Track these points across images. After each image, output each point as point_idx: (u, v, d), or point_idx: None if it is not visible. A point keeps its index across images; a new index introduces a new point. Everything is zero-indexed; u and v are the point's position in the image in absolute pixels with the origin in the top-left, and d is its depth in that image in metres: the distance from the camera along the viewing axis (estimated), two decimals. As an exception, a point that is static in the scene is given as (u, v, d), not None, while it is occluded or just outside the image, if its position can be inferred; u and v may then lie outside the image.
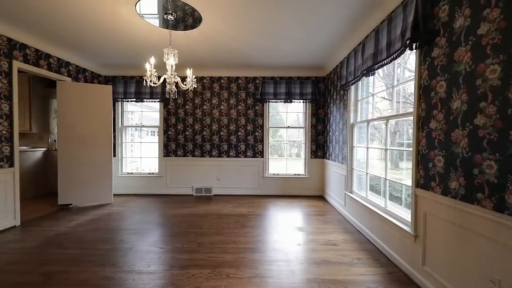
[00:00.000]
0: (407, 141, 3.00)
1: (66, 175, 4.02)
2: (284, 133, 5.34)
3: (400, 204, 2.63)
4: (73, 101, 4.03)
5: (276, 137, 5.75)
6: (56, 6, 2.60)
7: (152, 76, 2.60)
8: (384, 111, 3.26)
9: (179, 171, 4.98)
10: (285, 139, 5.21)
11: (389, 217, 2.42)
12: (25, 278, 2.00)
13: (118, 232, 2.97)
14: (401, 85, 2.50)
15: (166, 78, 2.73)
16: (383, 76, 3.21)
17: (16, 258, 2.34)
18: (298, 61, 4.32)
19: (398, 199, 2.82)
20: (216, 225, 3.24)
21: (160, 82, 2.73)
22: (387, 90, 2.91)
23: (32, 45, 3.42)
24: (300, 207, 4.11)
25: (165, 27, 3.03)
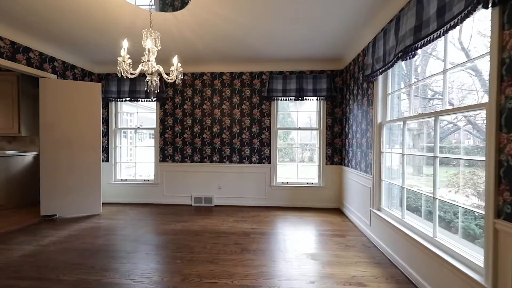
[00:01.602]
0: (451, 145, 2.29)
1: (50, 182, 3.59)
2: (294, 135, 4.70)
3: (451, 230, 1.93)
4: (58, 100, 3.61)
5: (287, 140, 5.11)
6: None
7: (124, 64, 2.06)
8: (426, 107, 2.56)
9: (176, 178, 4.45)
10: (296, 143, 4.56)
11: (441, 252, 1.73)
12: None
13: (93, 255, 2.45)
14: (458, 69, 1.81)
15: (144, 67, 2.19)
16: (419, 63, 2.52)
17: (-48, 293, 1.86)
18: (310, 51, 3.68)
19: (450, 224, 2.11)
20: (210, 247, 2.65)
21: (137, 72, 2.19)
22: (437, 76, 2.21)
23: (6, 36, 3.02)
24: (313, 224, 3.44)
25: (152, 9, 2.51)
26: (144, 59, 2.13)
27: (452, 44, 1.96)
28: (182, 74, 2.40)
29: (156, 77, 2.33)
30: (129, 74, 2.21)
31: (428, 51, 2.46)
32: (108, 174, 4.52)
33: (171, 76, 2.33)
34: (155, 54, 2.30)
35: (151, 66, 2.21)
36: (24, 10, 2.61)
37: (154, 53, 2.30)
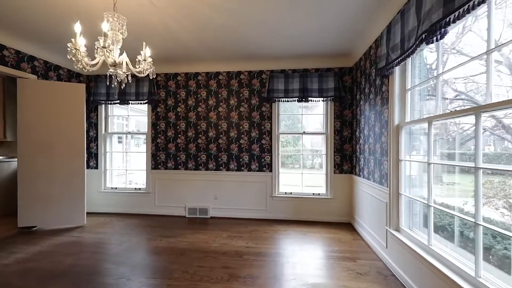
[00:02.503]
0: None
1: (28, 190, 3.30)
2: (298, 141, 4.26)
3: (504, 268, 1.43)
4: (38, 102, 3.34)
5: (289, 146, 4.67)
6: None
7: (78, 53, 1.72)
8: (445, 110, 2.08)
9: (169, 187, 4.09)
10: (300, 149, 4.11)
11: (491, 301, 1.24)
12: None
13: (54, 279, 2.09)
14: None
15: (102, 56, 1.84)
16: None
17: None
18: (315, 46, 3.27)
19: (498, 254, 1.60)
20: (193, 272, 2.23)
21: (96, 63, 1.85)
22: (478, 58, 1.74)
23: (-20, 32, 2.78)
24: (319, 242, 2.96)
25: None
26: (98, 45, 1.77)
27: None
28: (151, 66, 2.05)
29: (122, 70, 1.98)
30: (88, 67, 1.87)
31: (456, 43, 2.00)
32: (97, 181, 4.22)
33: (138, 68, 1.97)
34: (120, 42, 1.97)
35: (112, 56, 1.86)
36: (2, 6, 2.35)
37: (119, 41, 1.96)
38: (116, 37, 1.99)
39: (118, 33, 2.00)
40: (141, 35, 3.03)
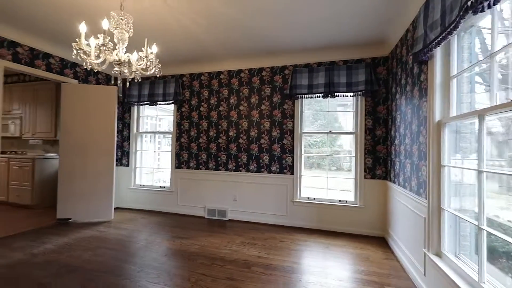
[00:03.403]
0: None
1: (66, 186, 3.61)
2: (324, 140, 3.86)
3: None
4: (76, 105, 3.64)
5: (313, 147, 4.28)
6: None
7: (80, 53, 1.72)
8: None
9: (191, 187, 4.10)
10: (326, 150, 3.72)
11: None
12: None
13: (66, 274, 2.17)
14: None
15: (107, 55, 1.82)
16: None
17: None
18: (342, 35, 2.89)
19: None
20: (194, 281, 2.11)
21: (101, 61, 1.84)
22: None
23: (26, 43, 3.12)
24: (342, 257, 2.58)
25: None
26: (98, 42, 1.75)
27: None
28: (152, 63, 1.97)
29: (127, 69, 1.95)
30: (95, 66, 1.88)
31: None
32: (128, 178, 4.46)
33: (138, 66, 1.91)
34: (126, 41, 1.93)
35: (116, 54, 1.83)
36: (44, 17, 2.59)
37: (125, 40, 1.93)
38: (122, 36, 1.98)
39: (124, 31, 1.99)
40: (161, 37, 3.07)
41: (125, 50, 1.97)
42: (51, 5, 2.41)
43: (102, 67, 1.98)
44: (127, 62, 1.97)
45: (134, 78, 2.13)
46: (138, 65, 1.95)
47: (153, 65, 2.00)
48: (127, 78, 2.01)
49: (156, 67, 2.04)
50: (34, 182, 4.30)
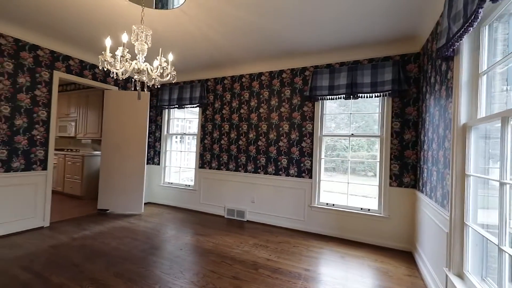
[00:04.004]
0: None
1: (105, 180, 4.08)
2: (345, 144, 3.66)
3: None
4: (115, 109, 4.10)
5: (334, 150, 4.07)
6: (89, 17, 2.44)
7: (105, 63, 1.94)
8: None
9: (212, 186, 4.26)
10: (347, 155, 3.52)
11: None
12: None
13: (95, 258, 2.46)
14: None
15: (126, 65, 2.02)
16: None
17: (-20, 271, 2.16)
18: (367, 32, 2.73)
19: None
20: (202, 276, 2.20)
21: (124, 70, 2.05)
22: None
23: (76, 56, 3.63)
24: (359, 270, 2.42)
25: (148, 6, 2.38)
26: (117, 54, 1.95)
27: None
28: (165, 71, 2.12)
29: (146, 76, 2.14)
30: (120, 75, 2.10)
31: None
32: (158, 176, 4.84)
33: (153, 74, 2.08)
34: (145, 51, 2.13)
35: (136, 63, 2.02)
36: (89, 33, 3.02)
37: (144, 51, 2.13)
38: (142, 47, 2.18)
39: (144, 43, 2.19)
40: (186, 46, 3.29)
41: (144, 60, 2.16)
42: (94, 23, 2.77)
43: (126, 75, 2.21)
44: (145, 70, 2.16)
45: (154, 84, 2.33)
46: (154, 72, 2.13)
47: (166, 72, 2.16)
48: (145, 83, 2.20)
49: (170, 75, 2.20)
50: (83, 176, 4.95)
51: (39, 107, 3.26)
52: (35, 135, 3.23)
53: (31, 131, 3.20)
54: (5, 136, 2.97)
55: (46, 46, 3.29)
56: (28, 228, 3.15)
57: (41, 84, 3.27)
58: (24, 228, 3.12)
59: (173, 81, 2.30)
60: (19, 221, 3.07)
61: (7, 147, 2.98)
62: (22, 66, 3.08)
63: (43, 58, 3.28)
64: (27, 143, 3.16)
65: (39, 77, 3.25)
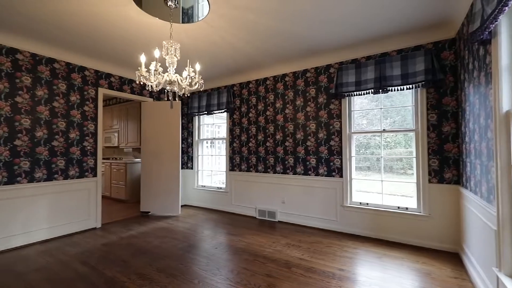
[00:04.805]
0: None
1: (146, 185, 4.44)
2: (379, 141, 3.50)
3: None
4: (151, 118, 4.45)
5: (368, 148, 3.91)
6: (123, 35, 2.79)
7: (141, 77, 2.16)
8: None
9: (243, 188, 4.38)
10: (380, 152, 3.37)
11: None
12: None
13: (140, 255, 2.70)
14: None
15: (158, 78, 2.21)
16: None
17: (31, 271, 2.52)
18: (393, 21, 2.63)
19: None
20: (237, 273, 2.29)
21: (157, 83, 2.25)
22: None
23: (116, 73, 4.04)
24: (399, 272, 2.31)
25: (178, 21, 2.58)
26: (151, 68, 2.15)
27: None
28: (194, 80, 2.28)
29: (177, 87, 2.32)
30: (154, 88, 2.31)
31: None
32: (192, 180, 5.11)
33: (183, 84, 2.24)
34: (175, 64, 2.31)
35: (167, 76, 2.21)
36: (122, 50, 3.37)
37: (174, 63, 2.31)
38: (172, 59, 2.38)
39: (173, 56, 2.38)
40: (212, 54, 3.48)
41: (174, 71, 2.35)
42: (130, 42, 3.08)
43: (159, 87, 2.42)
44: (176, 81, 2.35)
45: (184, 93, 2.51)
46: (183, 82, 2.30)
47: (194, 81, 2.31)
48: (176, 93, 2.39)
49: (198, 83, 2.35)
50: (126, 182, 5.43)
51: (88, 121, 3.69)
52: (86, 146, 3.66)
53: (83, 143, 3.63)
54: (63, 148, 3.41)
55: (91, 67, 3.72)
56: (84, 229, 3.57)
57: (88, 100, 3.70)
58: (81, 228, 3.53)
59: (201, 89, 2.45)
60: (76, 222, 3.49)
61: (64, 158, 3.42)
62: (73, 85, 3.53)
63: (89, 77, 3.71)
64: (80, 153, 3.59)
65: (87, 94, 3.68)
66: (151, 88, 2.34)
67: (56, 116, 3.34)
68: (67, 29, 2.77)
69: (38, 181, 3.15)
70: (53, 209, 3.28)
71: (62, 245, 2.98)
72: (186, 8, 2.43)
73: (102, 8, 2.39)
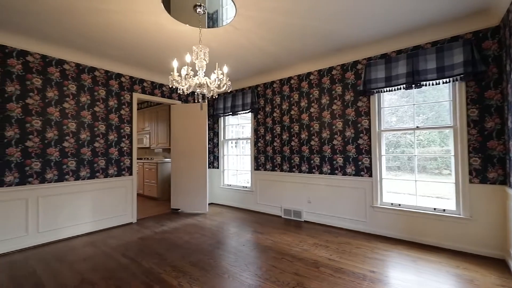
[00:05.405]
0: None
1: (176, 183, 4.67)
2: (410, 140, 3.32)
3: None
4: (180, 120, 4.67)
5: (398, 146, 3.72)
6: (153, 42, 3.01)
7: (173, 82, 2.28)
8: None
9: (268, 187, 4.42)
10: (414, 151, 3.19)
11: None
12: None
13: (173, 249, 2.85)
14: None
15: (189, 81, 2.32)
16: None
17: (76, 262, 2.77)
18: (426, 9, 2.49)
19: None
20: (265, 270, 2.33)
21: (188, 86, 2.37)
22: None
23: (148, 78, 4.30)
24: (436, 277, 2.19)
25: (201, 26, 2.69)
26: (183, 73, 2.26)
27: None
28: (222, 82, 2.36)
29: (206, 89, 2.42)
30: (185, 91, 2.43)
31: None
32: (218, 179, 5.26)
33: (212, 86, 2.33)
34: (204, 67, 2.41)
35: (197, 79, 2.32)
36: (155, 56, 3.60)
37: (203, 67, 2.41)
38: (201, 63, 2.49)
39: (202, 60, 2.49)
40: (237, 56, 3.56)
41: (203, 74, 2.45)
42: (161, 49, 3.27)
43: (190, 90, 2.54)
44: (205, 83, 2.45)
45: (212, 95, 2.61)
46: (212, 85, 2.40)
47: (222, 83, 2.39)
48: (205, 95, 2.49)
49: (226, 85, 2.43)
50: (158, 180, 5.74)
51: (124, 123, 3.98)
52: (122, 147, 3.95)
53: (120, 144, 3.92)
54: (103, 149, 3.72)
55: (127, 73, 4.00)
56: (121, 223, 3.85)
57: (124, 104, 3.99)
58: (119, 223, 3.82)
59: (228, 90, 2.53)
60: (115, 217, 3.79)
61: (105, 158, 3.72)
62: (111, 91, 3.82)
63: (125, 83, 4.00)
64: (117, 154, 3.88)
65: (123, 99, 3.97)
66: (182, 91, 2.47)
67: (97, 120, 3.65)
68: (107, 41, 3.03)
69: (83, 179, 3.47)
70: (95, 204, 3.59)
71: (104, 238, 3.25)
72: (211, 13, 2.53)
73: (137, 18, 2.57)
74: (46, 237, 3.11)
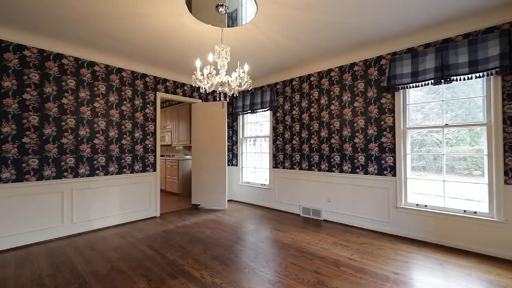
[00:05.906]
0: None
1: (196, 180, 4.81)
2: (437, 138, 3.16)
3: None
4: (200, 118, 4.79)
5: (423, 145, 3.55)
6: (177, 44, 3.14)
7: (198, 81, 2.35)
8: None
9: (286, 185, 4.42)
10: (440, 150, 3.03)
11: None
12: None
13: (196, 243, 2.96)
14: None
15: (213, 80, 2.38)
16: None
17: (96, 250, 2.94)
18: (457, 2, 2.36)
19: None
20: (285, 267, 2.35)
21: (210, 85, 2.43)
22: None
23: (171, 78, 4.46)
24: (466, 282, 2.08)
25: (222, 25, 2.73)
26: (205, 72, 2.32)
27: None
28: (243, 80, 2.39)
29: (228, 87, 2.47)
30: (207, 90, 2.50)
31: None
32: (237, 176, 5.34)
33: (233, 84, 2.37)
34: (225, 66, 2.46)
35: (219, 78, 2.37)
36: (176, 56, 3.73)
37: (224, 66, 2.46)
38: (223, 62, 2.54)
39: (224, 59, 2.54)
40: (257, 54, 3.58)
41: (225, 73, 2.50)
42: (184, 49, 3.37)
43: (212, 89, 2.61)
44: (227, 82, 2.50)
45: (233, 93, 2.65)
46: (234, 83, 2.44)
47: (244, 81, 2.43)
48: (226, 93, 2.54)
49: (247, 83, 2.46)
50: (179, 177, 5.94)
51: (148, 122, 4.16)
52: (147, 144, 4.13)
53: (145, 141, 4.10)
54: (129, 146, 3.91)
55: (151, 73, 4.17)
56: (146, 217, 4.04)
57: (149, 104, 4.16)
58: (144, 216, 4.02)
59: (249, 88, 2.56)
60: (140, 211, 3.98)
61: (131, 154, 3.92)
62: (137, 91, 4.01)
63: (149, 83, 4.17)
64: (142, 151, 4.07)
65: (147, 98, 4.14)
66: (204, 90, 2.53)
67: (124, 118, 3.85)
68: (134, 42, 3.17)
69: (112, 174, 3.68)
70: (123, 198, 3.79)
71: (131, 230, 3.44)
72: (231, 12, 2.56)
73: (162, 20, 2.67)
74: (79, 227, 3.35)
